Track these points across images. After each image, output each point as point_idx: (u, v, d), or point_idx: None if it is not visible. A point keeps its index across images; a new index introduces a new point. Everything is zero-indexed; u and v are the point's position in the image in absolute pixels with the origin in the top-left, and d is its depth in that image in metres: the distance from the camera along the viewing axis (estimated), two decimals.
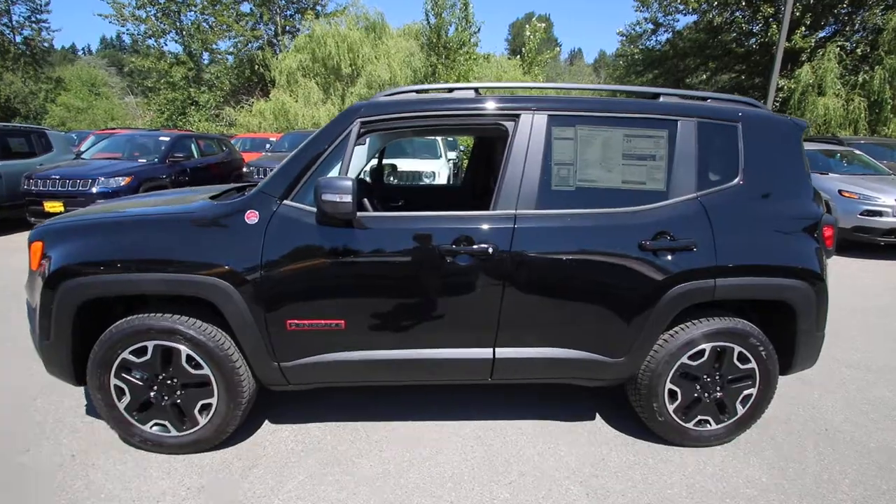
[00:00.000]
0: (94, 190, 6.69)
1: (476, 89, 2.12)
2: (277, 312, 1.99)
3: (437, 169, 8.24)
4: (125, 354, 2.02)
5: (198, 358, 2.03)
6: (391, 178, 3.76)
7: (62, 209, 6.53)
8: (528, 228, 2.01)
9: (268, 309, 1.97)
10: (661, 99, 2.19)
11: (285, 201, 2.00)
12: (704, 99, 2.26)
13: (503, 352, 2.11)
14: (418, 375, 2.16)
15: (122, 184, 6.93)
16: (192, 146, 8.72)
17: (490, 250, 1.97)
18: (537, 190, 2.03)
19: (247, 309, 1.95)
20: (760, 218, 2.11)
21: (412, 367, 2.11)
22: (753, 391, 2.26)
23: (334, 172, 2.02)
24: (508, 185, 2.03)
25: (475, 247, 1.97)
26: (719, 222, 2.07)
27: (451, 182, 9.18)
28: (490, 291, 2.02)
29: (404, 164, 8.14)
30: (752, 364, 2.22)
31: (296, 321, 2.00)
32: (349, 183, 1.83)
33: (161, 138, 8.35)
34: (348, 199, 1.82)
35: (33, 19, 28.30)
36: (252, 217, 1.97)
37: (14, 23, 27.74)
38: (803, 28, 15.60)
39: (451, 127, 2.30)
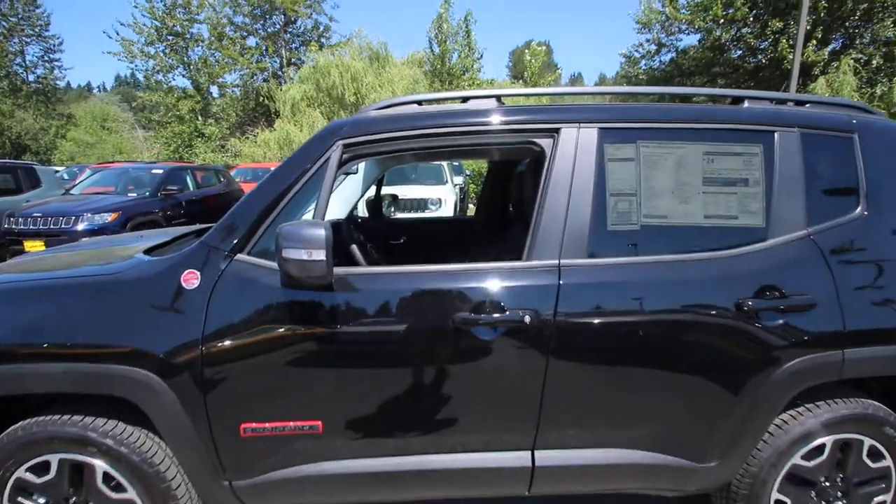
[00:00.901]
0: (79, 227, 6.25)
1: (498, 97, 1.59)
2: (227, 413, 1.41)
3: (444, 196, 7.75)
4: (21, 472, 1.45)
5: (119, 477, 1.44)
6: (392, 210, 3.23)
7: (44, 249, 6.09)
8: (577, 286, 1.43)
9: (213, 408, 1.39)
10: (746, 105, 1.63)
11: (239, 256, 1.44)
12: (802, 103, 1.70)
13: (545, 456, 1.51)
14: (426, 491, 1.55)
15: (109, 220, 6.49)
16: (188, 178, 8.34)
17: (526, 318, 1.39)
18: (588, 231, 1.46)
19: (181, 409, 1.38)
20: None
21: (417, 480, 1.50)
22: (888, 498, 1.63)
23: (308, 215, 1.47)
24: (548, 225, 1.46)
25: (505, 314, 1.40)
26: (843, 269, 1.48)
27: (458, 209, 8.70)
28: (527, 375, 1.43)
29: (407, 191, 7.65)
30: (888, 461, 1.60)
31: (253, 425, 1.42)
32: (322, 232, 1.27)
33: (154, 171, 7.97)
34: (321, 255, 1.26)
35: (46, 58, 29.04)
36: (191, 280, 1.41)
37: (27, 62, 28.49)
38: (814, 42, 15.25)
39: (466, 149, 1.73)
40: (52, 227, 6.24)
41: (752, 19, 16.53)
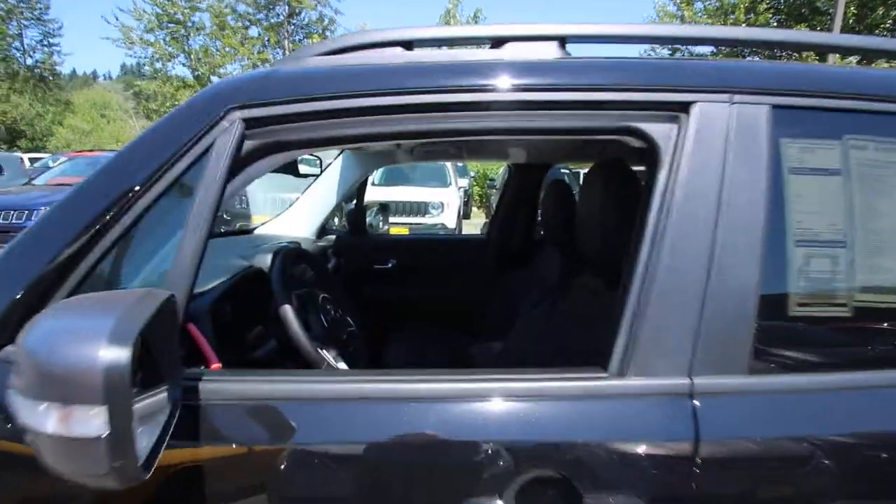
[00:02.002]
0: (32, 223, 5.50)
1: (562, 39, 0.81)
2: None
3: (447, 199, 7.00)
4: None
5: None
6: (381, 222, 2.47)
7: None
8: (730, 451, 0.67)
9: None
10: None
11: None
12: None
13: None
14: None
15: None
16: None
17: None
18: (751, 316, 0.70)
19: None
20: None
21: None
22: None
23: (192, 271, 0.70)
24: (662, 301, 0.69)
25: None
26: None
27: (461, 214, 7.93)
28: None
29: (405, 194, 6.90)
30: None
31: None
32: (116, 356, 0.47)
33: None
34: (99, 425, 0.47)
35: (45, 43, 28.30)
36: None
37: (25, 46, 27.75)
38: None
39: (491, 140, 0.93)
40: (2, 221, 5.49)
41: (775, 24, 15.72)
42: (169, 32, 23.88)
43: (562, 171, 7.04)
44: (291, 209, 2.19)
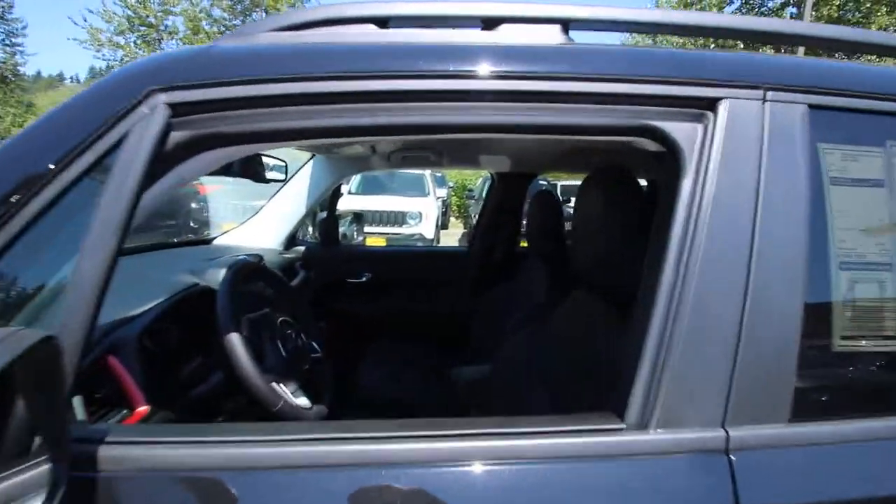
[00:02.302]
0: None
1: (565, 23, 0.68)
2: None
3: (425, 209, 6.88)
4: None
5: None
6: (355, 232, 2.31)
7: None
8: None
9: None
10: None
11: None
12: None
13: None
14: None
15: None
16: None
17: None
18: (792, 351, 0.58)
19: None
20: None
21: None
22: None
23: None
24: (690, 339, 0.57)
25: None
26: None
27: (439, 224, 7.80)
28: None
29: (382, 203, 6.74)
30: None
31: None
32: None
33: None
34: None
35: (7, 42, 27.08)
36: None
37: None
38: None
39: (477, 141, 0.79)
40: None
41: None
42: (140, 35, 23.20)
43: (540, 182, 7.02)
44: (256, 217, 2.01)
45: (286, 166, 1.36)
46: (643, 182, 1.76)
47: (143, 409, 0.78)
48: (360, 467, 0.53)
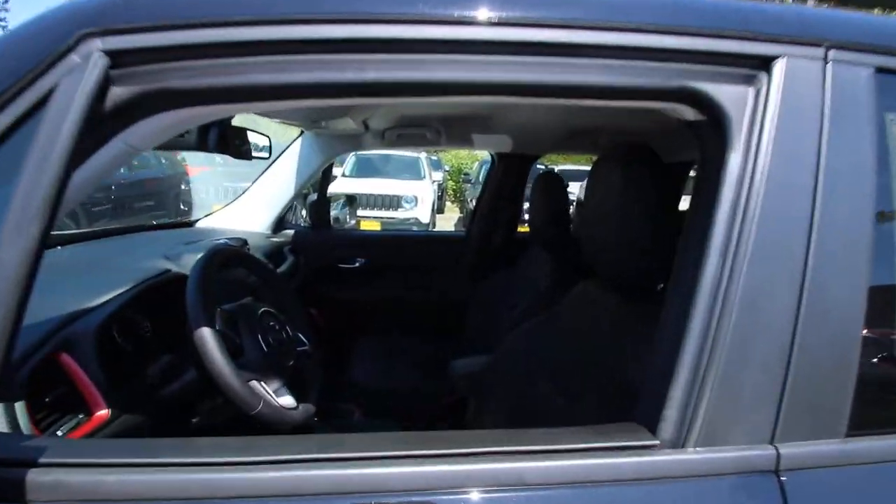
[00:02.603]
0: None
1: None
2: None
3: (420, 193, 6.75)
4: None
5: None
6: (347, 215, 2.21)
7: None
8: None
9: None
10: None
11: None
12: None
13: None
14: None
15: None
16: None
17: None
18: (855, 356, 0.49)
19: None
20: None
21: None
22: None
23: None
24: (738, 340, 0.48)
25: None
26: None
27: (434, 208, 7.68)
28: None
29: (377, 186, 6.60)
30: None
31: None
32: None
33: None
34: None
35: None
36: None
37: None
38: None
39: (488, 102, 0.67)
40: None
41: None
42: None
43: (538, 165, 6.86)
44: (241, 199, 1.90)
45: (270, 143, 1.25)
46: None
47: (102, 413, 0.69)
48: (344, 496, 0.44)
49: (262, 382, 0.83)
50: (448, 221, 9.08)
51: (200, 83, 0.47)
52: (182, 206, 7.31)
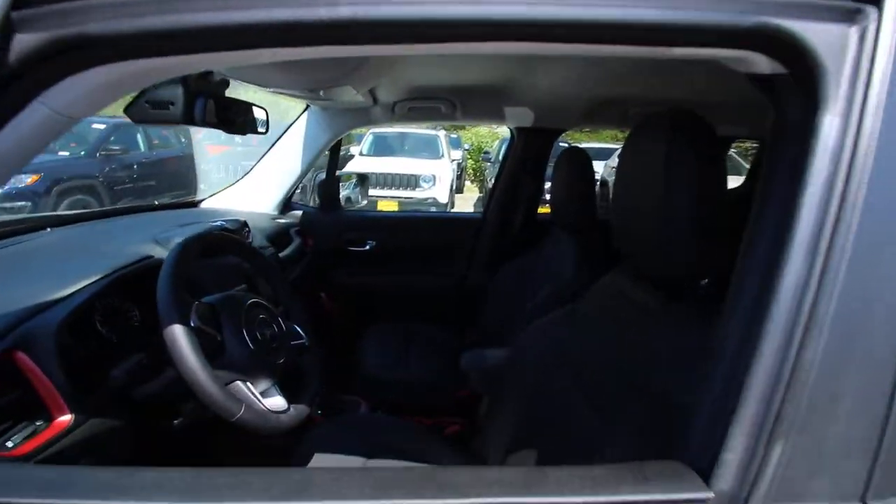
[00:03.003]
0: None
1: None
2: None
3: (439, 172, 6.59)
4: None
5: None
6: (359, 195, 2.11)
7: None
8: None
9: None
10: None
11: None
12: None
13: None
14: None
15: (27, 183, 5.28)
16: (138, 136, 7.05)
17: None
18: None
19: None
20: None
21: None
22: None
23: None
24: (828, 368, 0.36)
25: None
26: None
27: (453, 188, 7.51)
28: None
29: (394, 165, 6.48)
30: None
31: None
32: None
33: (94, 125, 6.68)
34: None
35: None
36: None
37: None
38: None
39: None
40: None
41: None
42: None
43: (560, 143, 6.56)
44: (247, 178, 1.82)
45: (267, 117, 1.15)
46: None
47: (64, 418, 0.62)
48: None
49: (248, 383, 0.75)
50: (467, 202, 8.92)
51: (127, 27, 0.37)
52: (202, 186, 7.35)
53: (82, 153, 6.09)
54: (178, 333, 0.64)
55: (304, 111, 1.72)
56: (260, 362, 0.77)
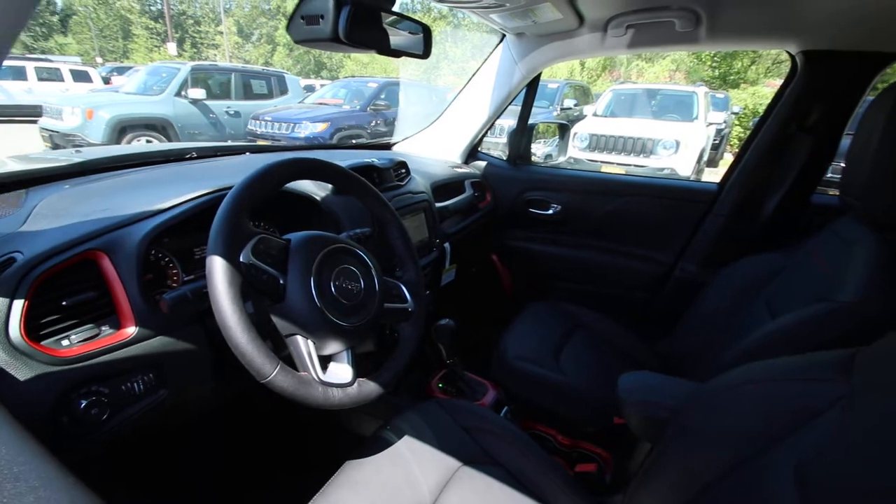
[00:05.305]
0: (298, 134, 6.68)
1: None
2: None
3: (685, 137, 5.43)
4: None
5: None
6: (558, 155, 1.81)
7: None
8: None
9: None
10: None
11: None
12: None
13: None
14: None
15: (319, 130, 6.76)
16: (399, 93, 8.16)
17: None
18: None
19: None
20: None
21: None
22: None
23: None
24: None
25: None
26: None
27: (702, 160, 6.10)
28: None
29: (629, 128, 5.60)
30: None
31: None
32: None
33: (370, 84, 8.04)
34: None
35: None
36: None
37: None
38: None
39: None
40: (275, 131, 6.81)
41: None
42: None
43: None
44: (438, 122, 1.72)
45: (428, 38, 0.94)
46: None
47: (129, 330, 0.60)
48: None
49: (310, 341, 0.62)
50: (719, 178, 7.20)
51: None
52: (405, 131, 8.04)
53: (358, 107, 7.39)
54: (216, 266, 0.54)
55: (499, 42, 1.48)
56: (328, 319, 0.63)
